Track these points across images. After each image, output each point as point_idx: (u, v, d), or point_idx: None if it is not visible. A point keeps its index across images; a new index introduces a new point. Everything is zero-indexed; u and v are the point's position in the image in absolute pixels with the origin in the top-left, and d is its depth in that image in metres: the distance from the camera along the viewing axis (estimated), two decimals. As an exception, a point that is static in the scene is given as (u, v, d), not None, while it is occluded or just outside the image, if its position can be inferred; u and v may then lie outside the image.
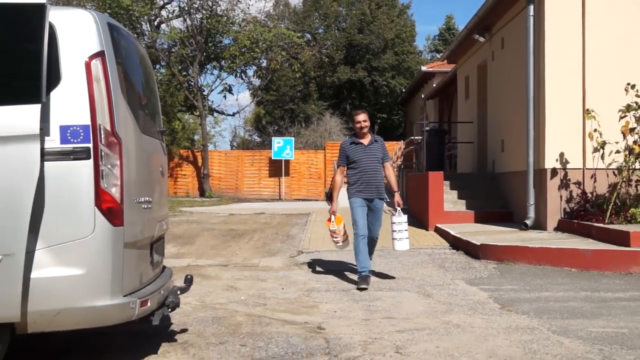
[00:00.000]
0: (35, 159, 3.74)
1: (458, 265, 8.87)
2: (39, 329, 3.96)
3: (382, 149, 7.87)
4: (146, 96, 5.00)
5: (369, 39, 39.99)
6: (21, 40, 3.84)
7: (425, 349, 4.77)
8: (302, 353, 4.77)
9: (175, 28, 29.82)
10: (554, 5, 10.75)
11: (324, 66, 39.57)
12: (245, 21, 30.40)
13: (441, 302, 6.48)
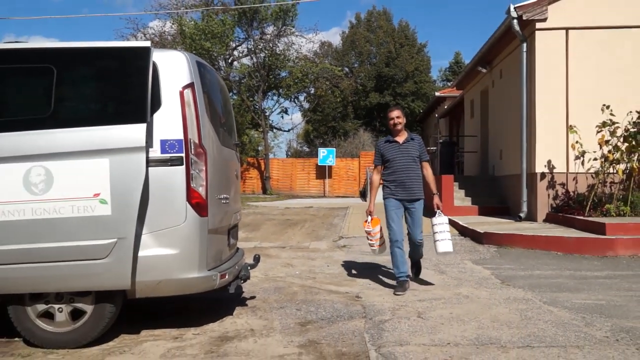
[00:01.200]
0: (142, 165, 3.80)
1: (466, 248, 8.73)
2: (144, 294, 4.02)
3: (419, 147, 5.94)
4: (224, 116, 5.03)
5: (394, 71, 39.80)
6: (132, 74, 3.91)
7: (441, 315, 4.70)
8: (345, 316, 4.74)
9: (244, 64, 30.08)
10: (542, 43, 10.54)
11: (358, 92, 39.50)
12: (298, 58, 30.48)
13: (453, 278, 6.38)
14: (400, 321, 4.51)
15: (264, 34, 29.71)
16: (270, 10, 28.36)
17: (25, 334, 3.94)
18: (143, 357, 3.76)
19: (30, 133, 3.76)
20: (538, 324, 4.35)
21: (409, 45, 41.53)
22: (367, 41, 41.22)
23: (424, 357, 3.63)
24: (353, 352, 3.79)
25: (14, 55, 3.95)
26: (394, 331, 4.23)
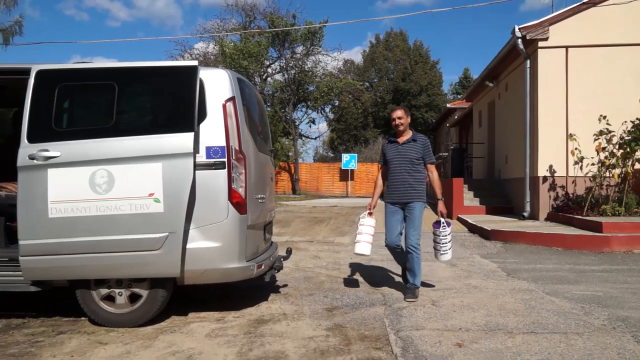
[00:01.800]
0: (190, 168, 3.84)
1: (474, 244, 8.62)
2: (191, 282, 4.07)
3: (422, 148, 4.96)
4: (261, 126, 5.06)
5: (409, 85, 39.54)
6: (182, 90, 3.95)
7: (453, 303, 4.64)
8: (367, 303, 4.73)
9: (277, 80, 30.22)
10: (544, 60, 10.36)
11: (377, 104, 39.34)
12: (324, 74, 30.50)
13: (463, 270, 6.30)
14: (416, 308, 4.47)
15: (294, 53, 29.82)
16: (300, 32, 28.44)
17: (90, 314, 4.03)
18: (191, 336, 3.80)
19: (95, 141, 3.84)
20: (541, 313, 4.27)
21: (423, 62, 41.21)
22: (386, 59, 41.04)
23: (438, 340, 3.60)
24: (374, 335, 3.78)
25: (82, 74, 4.04)
26: (411, 317, 4.20)
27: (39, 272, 3.90)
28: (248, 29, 28.66)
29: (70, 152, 3.80)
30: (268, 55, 29.38)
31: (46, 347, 3.58)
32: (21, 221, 3.83)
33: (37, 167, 3.79)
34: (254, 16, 30.08)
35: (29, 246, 3.82)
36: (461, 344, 3.51)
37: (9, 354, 3.46)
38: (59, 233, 3.79)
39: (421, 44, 42.88)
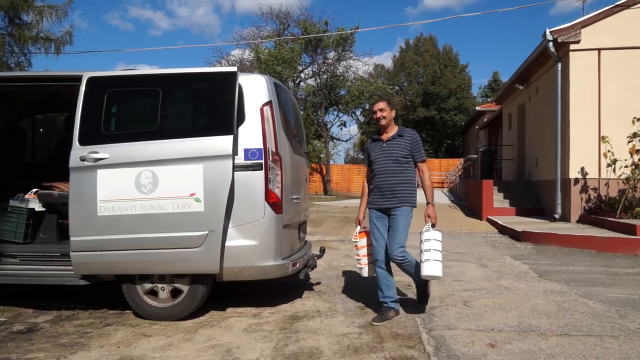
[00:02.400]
0: (229, 170, 3.87)
1: (504, 245, 8.42)
2: (229, 278, 4.09)
3: (409, 145, 4.12)
4: (296, 128, 5.06)
5: (438, 88, 39.08)
6: (222, 94, 3.99)
7: (484, 303, 4.54)
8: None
9: (309, 84, 30.29)
10: (576, 63, 10.05)
11: (407, 108, 39.02)
12: (355, 79, 30.42)
13: (494, 271, 6.16)
14: (448, 308, 4.39)
15: (326, 58, 29.84)
16: (332, 38, 28.44)
17: (135, 307, 4.11)
18: (229, 331, 3.84)
19: (141, 143, 3.92)
20: (575, 315, 4.13)
21: (452, 66, 40.68)
22: (415, 63, 40.69)
23: (470, 340, 3.52)
24: (407, 334, 3.72)
25: (129, 80, 4.13)
26: (443, 317, 4.13)
27: (88, 266, 4.00)
28: (282, 36, 28.84)
29: (117, 154, 3.89)
30: (301, 61, 29.49)
31: (94, 338, 3.67)
32: (72, 219, 3.94)
33: (88, 168, 3.89)
34: (288, 23, 30.26)
35: (79, 242, 3.92)
36: (494, 345, 3.43)
37: (60, 343, 3.56)
38: (106, 230, 3.88)
39: (450, 48, 42.35)
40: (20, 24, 18.93)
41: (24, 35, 18.58)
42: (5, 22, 18.78)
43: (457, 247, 8.28)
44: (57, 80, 4.42)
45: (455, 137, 40.98)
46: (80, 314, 4.29)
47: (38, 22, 19.03)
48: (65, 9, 19.30)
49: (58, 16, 19.11)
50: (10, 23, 18.81)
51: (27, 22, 19.11)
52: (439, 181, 28.61)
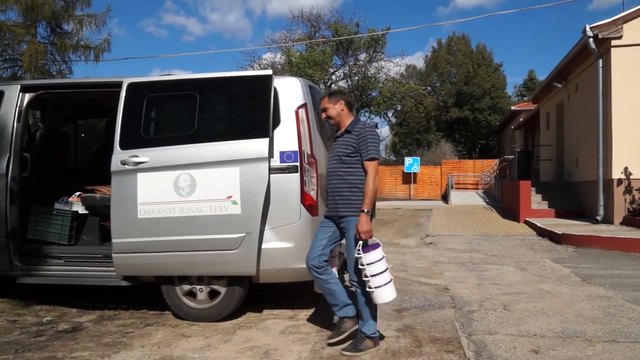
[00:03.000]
0: (265, 172, 3.89)
1: (544, 248, 8.18)
2: (265, 280, 4.11)
3: (356, 141, 3.44)
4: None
5: (472, 88, 38.43)
6: (257, 98, 4.01)
7: (525, 308, 4.42)
8: (435, 305, 4.60)
9: (341, 86, 30.27)
10: (618, 59, 9.72)
11: (440, 108, 38.50)
12: (387, 80, 30.23)
13: (534, 275, 5.99)
14: (487, 312, 4.29)
15: (357, 60, 29.75)
16: (363, 40, 28.36)
17: (174, 308, 4.18)
18: (266, 332, 3.85)
19: (179, 147, 3.98)
20: (622, 321, 3.97)
21: (486, 65, 39.91)
22: (448, 63, 40.12)
23: (512, 346, 3.43)
24: (445, 338, 3.66)
25: (168, 85, 4.22)
26: (482, 321, 4.04)
27: (129, 268, 4.09)
28: (313, 39, 28.93)
29: (157, 158, 3.96)
30: (332, 63, 29.51)
31: (136, 338, 3.74)
32: (114, 221, 4.04)
33: (128, 172, 3.99)
34: (319, 26, 30.34)
35: (121, 244, 4.02)
36: (537, 351, 3.32)
37: (103, 343, 3.65)
38: (146, 232, 3.96)
39: (484, 47, 41.57)
40: (61, 33, 19.63)
41: (65, 43, 19.25)
42: (47, 31, 19.52)
43: (494, 249, 8.11)
44: (99, 87, 4.55)
45: (489, 138, 40.18)
46: (121, 314, 4.40)
47: (78, 30, 19.69)
48: (104, 18, 19.92)
49: (97, 25, 19.74)
50: (52, 32, 19.53)
51: (68, 31, 19.80)
52: (473, 182, 28.10)
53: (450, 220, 13.29)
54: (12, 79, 17.51)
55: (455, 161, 31.28)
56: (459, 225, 11.98)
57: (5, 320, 4.17)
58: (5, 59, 19.15)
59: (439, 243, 9.01)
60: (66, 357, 3.35)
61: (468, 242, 8.96)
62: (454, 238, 9.54)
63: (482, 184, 26.44)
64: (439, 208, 18.19)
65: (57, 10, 18.94)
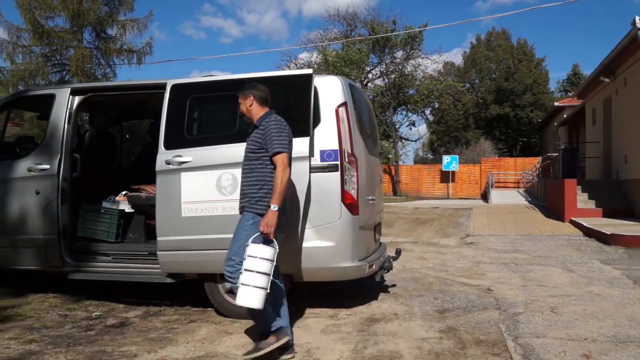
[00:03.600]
0: (306, 171, 3.89)
1: (592, 249, 7.88)
2: (306, 279, 4.12)
3: (261, 136, 3.34)
4: (370, 129, 5.02)
5: (512, 84, 37.40)
6: (298, 97, 4.03)
7: (574, 311, 4.26)
8: (479, 307, 4.49)
9: (377, 85, 30.11)
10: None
11: (479, 105, 37.75)
12: (424, 77, 29.85)
13: (582, 276, 5.77)
14: (534, 315, 4.16)
15: (394, 58, 29.52)
16: (400, 37, 28.09)
17: (217, 305, 4.24)
18: (307, 331, 3.86)
19: (221, 147, 4.03)
20: (679, 326, 3.78)
21: (528, 61, 38.76)
22: (487, 59, 39.19)
23: (561, 350, 3.31)
24: (490, 340, 3.57)
25: (210, 86, 4.28)
26: (529, 324, 3.92)
27: (174, 265, 4.18)
28: (349, 37, 28.85)
29: (200, 158, 4.03)
30: (369, 62, 29.36)
31: (180, 334, 3.82)
32: (159, 219, 4.13)
33: (172, 171, 4.07)
34: (355, 24, 30.26)
35: (165, 242, 4.11)
36: (589, 356, 3.20)
37: (150, 338, 3.74)
38: (190, 230, 4.04)
39: (525, 41, 40.40)
40: (105, 37, 20.29)
41: (109, 48, 19.90)
42: (93, 36, 20.21)
43: (538, 250, 7.88)
44: (144, 89, 4.66)
45: (531, 135, 39.02)
46: (166, 310, 4.49)
47: (122, 35, 20.31)
48: (146, 22, 20.47)
49: (139, 29, 20.30)
50: (97, 37, 20.20)
51: (112, 36, 20.45)
52: (514, 181, 27.38)
53: (491, 219, 12.99)
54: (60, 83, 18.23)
55: (495, 159, 30.58)
56: (501, 224, 11.69)
57: (57, 314, 4.33)
58: (54, 64, 19.95)
59: (480, 243, 8.82)
60: (115, 351, 3.45)
61: (510, 242, 8.72)
62: (495, 238, 9.31)
63: (524, 183, 25.74)
64: (479, 207, 17.81)
65: (102, 16, 19.59)
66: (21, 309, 4.44)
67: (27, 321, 4.13)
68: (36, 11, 18.56)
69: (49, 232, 4.50)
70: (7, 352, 3.38)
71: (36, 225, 4.55)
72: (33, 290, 5.01)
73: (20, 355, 3.34)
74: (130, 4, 20.16)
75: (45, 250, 4.54)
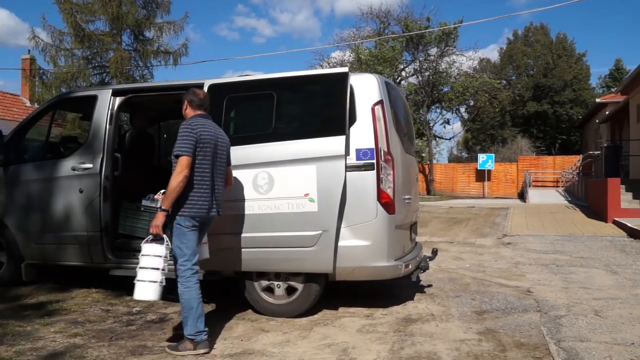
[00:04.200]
0: (342, 170, 3.88)
1: (637, 250, 7.57)
2: (341, 278, 4.11)
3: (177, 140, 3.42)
4: (406, 127, 4.96)
5: (551, 80, 36.40)
6: (334, 95, 4.01)
7: (620, 314, 4.10)
8: (519, 308, 4.39)
9: (411, 83, 29.77)
10: None
11: (516, 102, 36.88)
12: (459, 75, 29.35)
13: (627, 279, 5.55)
14: (577, 318, 4.03)
15: (428, 55, 29.16)
16: (434, 34, 27.70)
17: (253, 303, 4.28)
18: (343, 330, 3.85)
19: (257, 146, 4.07)
20: None
21: (567, 56, 37.65)
22: (525, 55, 38.25)
23: (607, 355, 3.19)
24: (532, 344, 3.48)
25: (246, 86, 4.32)
26: (572, 327, 3.80)
27: (211, 263, 4.21)
28: (382, 35, 28.65)
29: (236, 157, 4.05)
30: (402, 59, 29.06)
31: (218, 330, 3.87)
32: (197, 218, 4.19)
33: (210, 170, 4.11)
34: (388, 22, 30.01)
35: (203, 240, 4.16)
36: (637, 362, 3.07)
37: (188, 334, 3.79)
38: (227, 229, 4.08)
39: (565, 36, 39.26)
40: (143, 40, 20.76)
41: (147, 50, 20.35)
42: (131, 39, 20.71)
43: (580, 251, 7.63)
44: (182, 89, 4.70)
45: (570, 133, 37.88)
46: (204, 307, 4.54)
47: (158, 37, 20.72)
48: (182, 24, 20.81)
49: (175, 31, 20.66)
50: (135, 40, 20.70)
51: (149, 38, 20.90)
52: (553, 180, 26.62)
53: (530, 219, 12.66)
54: (100, 85, 18.80)
55: (533, 157, 29.79)
56: (540, 224, 11.38)
57: (100, 309, 4.46)
58: (95, 66, 20.54)
59: (518, 243, 8.60)
60: (155, 346, 3.53)
61: (550, 243, 8.48)
62: (534, 238, 9.07)
63: (563, 182, 25.00)
64: (516, 206, 17.39)
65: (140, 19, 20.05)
66: (66, 304, 4.60)
67: (72, 315, 4.27)
68: (78, 15, 19.16)
69: (91, 229, 4.64)
70: (53, 345, 3.51)
71: (80, 223, 4.70)
72: (77, 286, 5.18)
73: (65, 348, 3.46)
74: (167, 6, 20.57)
75: (89, 247, 4.68)
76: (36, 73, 20.52)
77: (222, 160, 3.58)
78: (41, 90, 19.50)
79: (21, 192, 4.99)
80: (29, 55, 22.16)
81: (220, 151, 3.55)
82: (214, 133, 3.52)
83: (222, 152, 3.57)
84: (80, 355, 3.33)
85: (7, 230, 5.03)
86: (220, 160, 3.56)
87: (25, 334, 3.73)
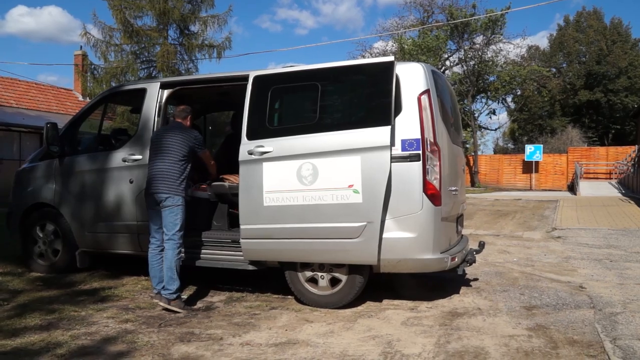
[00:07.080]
0: (387, 161, 3.83)
1: (700, 246, 7.15)
2: (386, 270, 4.07)
3: None
4: (453, 117, 4.83)
5: (605, 68, 34.76)
6: (379, 85, 3.95)
7: (683, 314, 3.88)
8: (571, 305, 4.22)
9: (455, 72, 29.08)
10: None
11: (566, 91, 35.44)
12: (506, 63, 28.44)
13: (689, 276, 5.25)
14: (634, 315, 3.84)
15: (473, 43, 28.38)
16: (480, 22, 26.91)
17: (297, 293, 4.30)
18: (387, 322, 3.81)
19: (302, 137, 4.06)
20: None
21: (622, 42, 35.83)
22: (576, 41, 36.64)
23: (669, 356, 3.02)
24: (585, 341, 3.33)
25: (291, 77, 4.31)
26: (629, 325, 3.62)
27: (256, 253, 4.28)
28: (426, 24, 28.08)
29: (280, 148, 4.08)
30: (447, 48, 28.41)
31: (262, 320, 3.92)
32: (242, 208, 4.24)
33: (255, 161, 4.16)
34: (432, 10, 29.43)
35: (248, 230, 4.22)
36: (703, 364, 2.89)
37: (234, 322, 3.87)
38: (271, 219, 4.11)
39: (620, 21, 37.33)
40: (189, 34, 21.14)
41: (192, 44, 20.72)
42: (177, 33, 21.14)
43: (635, 246, 7.27)
44: (227, 81, 4.79)
45: (625, 122, 36.06)
46: (248, 296, 4.63)
47: (203, 31, 21.03)
48: (225, 17, 21.03)
49: (219, 24, 20.91)
50: (181, 34, 21.10)
51: (194, 32, 21.25)
52: (606, 171, 25.48)
53: (581, 212, 12.17)
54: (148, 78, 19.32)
55: (584, 148, 28.59)
56: (592, 218, 10.92)
57: (149, 296, 4.59)
58: (142, 61, 21.11)
59: (569, 237, 8.29)
60: (202, 333, 3.61)
61: (603, 237, 8.13)
62: (586, 232, 8.71)
63: (617, 174, 23.88)
64: (566, 199, 16.76)
65: (185, 13, 20.41)
66: (117, 290, 4.76)
67: (123, 302, 4.42)
68: (126, 11, 19.70)
69: (141, 218, 4.77)
70: (105, 330, 3.64)
71: (130, 212, 4.84)
72: (127, 273, 5.35)
73: (117, 333, 3.58)
74: (211, 0, 20.86)
75: (138, 236, 4.82)
76: (88, 68, 21.27)
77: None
78: (92, 84, 20.21)
79: (75, 182, 5.19)
80: (81, 51, 23.03)
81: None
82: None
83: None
84: (131, 340, 3.45)
85: (62, 219, 5.24)
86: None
87: (80, 319, 3.89)
